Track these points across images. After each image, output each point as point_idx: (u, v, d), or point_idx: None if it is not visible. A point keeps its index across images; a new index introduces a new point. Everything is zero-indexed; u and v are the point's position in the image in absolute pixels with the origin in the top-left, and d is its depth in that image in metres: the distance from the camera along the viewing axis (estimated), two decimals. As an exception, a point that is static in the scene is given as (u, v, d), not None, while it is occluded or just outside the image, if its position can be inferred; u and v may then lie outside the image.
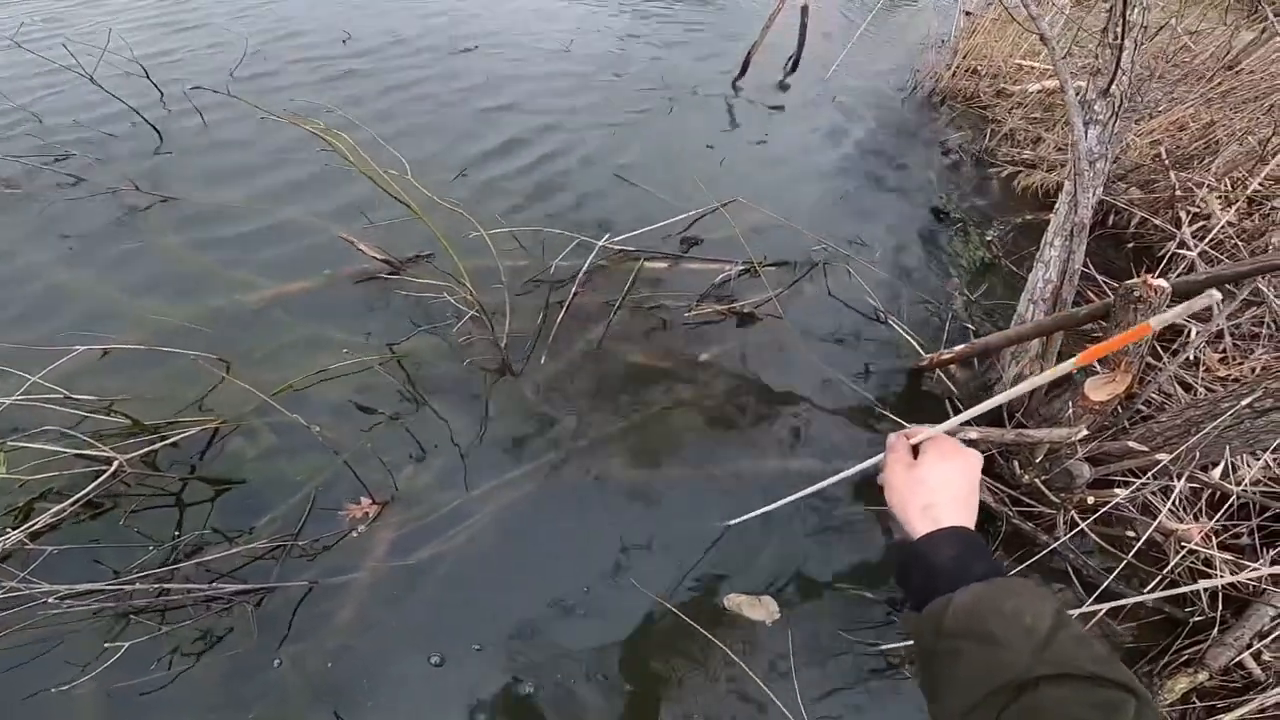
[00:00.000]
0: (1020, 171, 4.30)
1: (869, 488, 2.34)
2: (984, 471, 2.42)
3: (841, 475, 1.30)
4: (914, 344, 2.81)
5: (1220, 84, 4.10)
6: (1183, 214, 3.43)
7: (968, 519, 0.74)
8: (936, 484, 0.77)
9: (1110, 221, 3.88)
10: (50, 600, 1.52)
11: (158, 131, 3.49)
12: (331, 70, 4.42)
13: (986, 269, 3.48)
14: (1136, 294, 2.01)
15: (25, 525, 1.62)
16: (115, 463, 1.77)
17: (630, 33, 5.92)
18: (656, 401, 2.50)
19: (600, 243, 2.89)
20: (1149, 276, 2.02)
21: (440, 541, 1.95)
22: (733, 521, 2.01)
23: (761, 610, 1.93)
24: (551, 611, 1.86)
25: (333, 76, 4.34)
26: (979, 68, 5.66)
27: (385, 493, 2.00)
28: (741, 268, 3.05)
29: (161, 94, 3.74)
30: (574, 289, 2.78)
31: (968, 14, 6.20)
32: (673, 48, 5.76)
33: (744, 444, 2.42)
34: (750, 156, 4.22)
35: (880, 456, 0.90)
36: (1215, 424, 2.07)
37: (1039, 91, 4.84)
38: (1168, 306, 2.06)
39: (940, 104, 5.62)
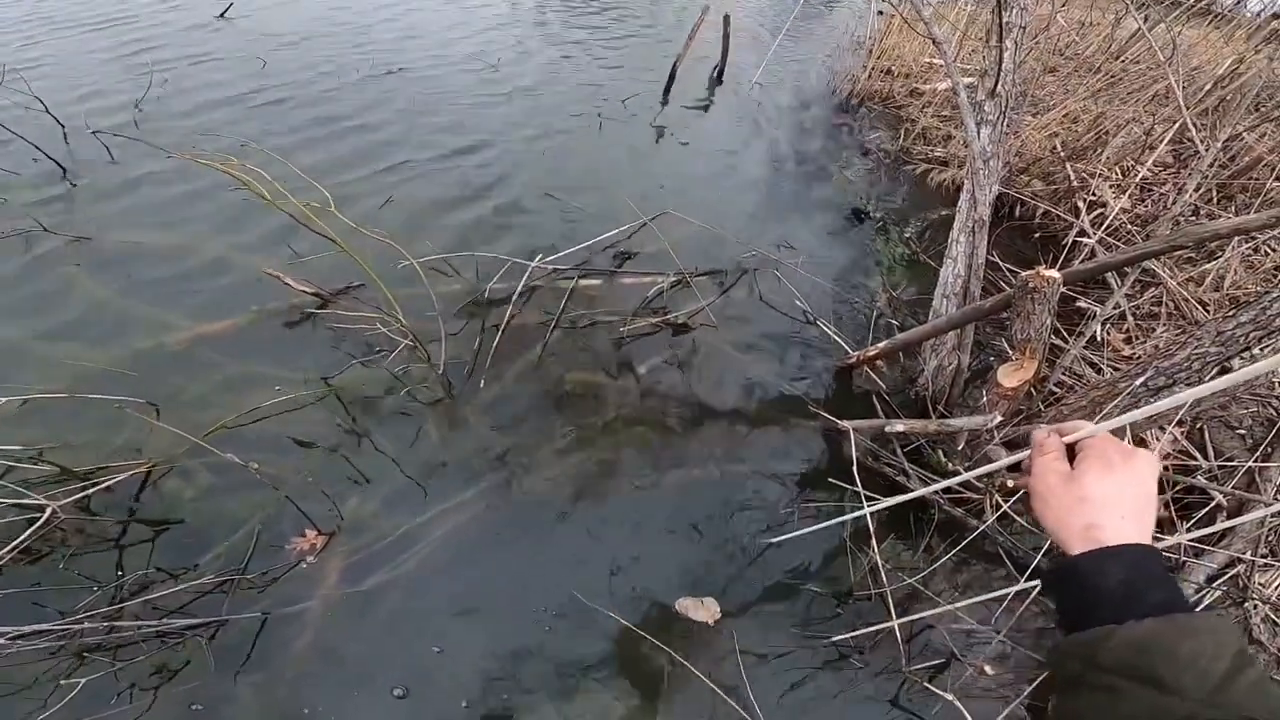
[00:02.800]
0: (933, 169, 4.56)
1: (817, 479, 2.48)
2: (912, 460, 2.59)
3: (977, 471, 1.15)
4: (841, 343, 2.95)
5: (1108, 75, 4.42)
6: (1080, 203, 3.69)
7: (1141, 534, 0.65)
8: (1102, 501, 0.67)
9: (1017, 213, 4.15)
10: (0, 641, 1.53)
11: (63, 169, 3.40)
12: (248, 99, 4.39)
13: (908, 265, 3.69)
14: (1031, 285, 2.19)
15: None
16: (49, 509, 1.80)
17: (558, 50, 6.04)
18: (598, 417, 2.60)
19: (533, 264, 2.97)
20: (1040, 268, 2.20)
21: (391, 568, 2.02)
22: (775, 540, 2.16)
23: (705, 612, 2.03)
24: (505, 630, 1.96)
25: (249, 105, 4.32)
26: (893, 68, 5.96)
27: (331, 524, 2.07)
28: (674, 279, 3.17)
29: (64, 128, 3.60)
30: (509, 311, 2.82)
31: (880, 13, 6.50)
32: (600, 62, 5.90)
33: (685, 452, 2.53)
34: (680, 168, 4.36)
35: (1023, 455, 0.80)
36: (1115, 404, 2.25)
37: (947, 90, 5.12)
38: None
39: (858, 106, 5.88)
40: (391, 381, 2.56)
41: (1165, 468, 2.81)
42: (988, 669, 2.25)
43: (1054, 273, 2.23)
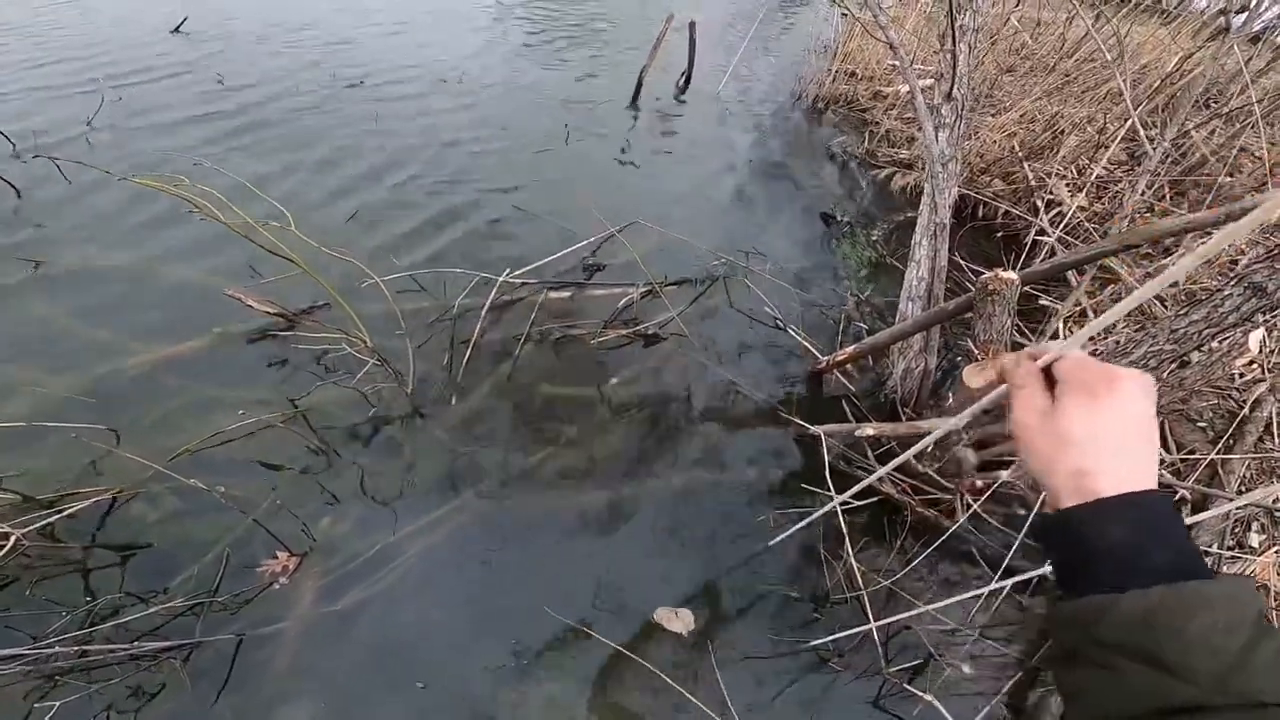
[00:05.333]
0: (897, 172, 4.66)
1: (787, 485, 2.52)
2: (881, 459, 2.64)
3: (936, 434, 1.04)
4: (811, 349, 3.00)
5: (1062, 75, 4.55)
6: (1039, 202, 3.80)
7: (1144, 477, 0.55)
8: (1090, 440, 0.57)
9: (980, 214, 4.28)
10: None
11: (15, 189, 3.36)
12: (206, 115, 4.39)
13: (875, 268, 3.78)
14: (990, 287, 2.26)
15: None
16: (12, 537, 1.83)
17: (523, 60, 6.09)
18: (571, 430, 2.66)
19: (500, 278, 2.98)
20: (999, 270, 2.27)
21: (367, 586, 2.06)
22: (772, 541, 2.23)
23: (679, 623, 2.08)
24: (482, 645, 2.00)
25: (208, 121, 4.31)
26: (856, 71, 6.08)
27: (303, 545, 2.11)
28: (644, 290, 3.21)
29: (14, 145, 3.54)
30: (478, 327, 2.83)
31: (844, 15, 6.61)
32: (566, 72, 5.97)
33: (659, 464, 2.59)
34: (648, 177, 4.42)
35: (998, 392, 0.70)
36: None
37: (909, 92, 5.24)
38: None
39: (824, 110, 6.00)
40: (360, 401, 2.59)
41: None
42: (965, 668, 2.32)
43: (1012, 274, 2.31)
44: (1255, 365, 3.12)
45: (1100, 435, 0.57)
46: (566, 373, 2.90)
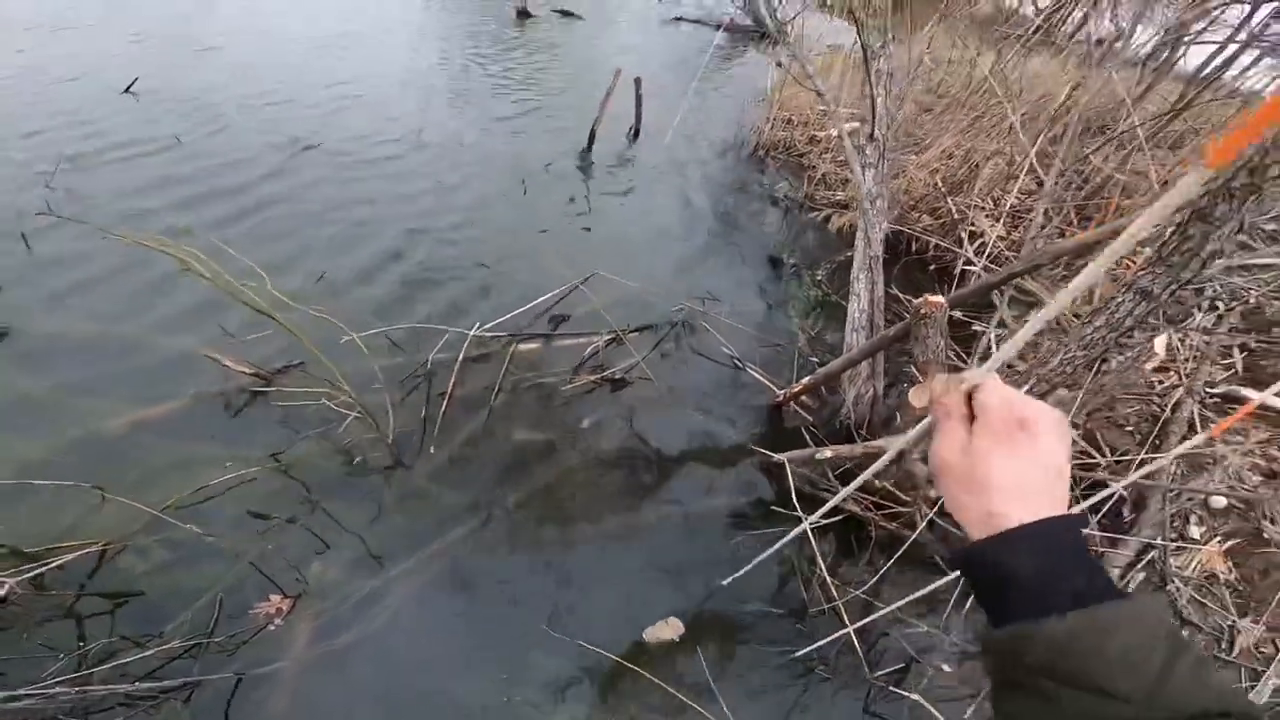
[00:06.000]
0: (834, 213, 5.01)
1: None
2: (843, 479, 2.86)
3: (889, 454, 1.08)
4: (769, 384, 3.23)
5: (973, 110, 4.98)
6: (963, 234, 4.15)
7: (1051, 507, 0.58)
8: (1004, 486, 0.59)
9: (913, 248, 4.61)
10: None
11: None
12: (165, 176, 4.48)
13: (821, 305, 4.05)
14: (922, 311, 2.51)
15: None
16: (5, 586, 1.92)
17: (479, 117, 6.37)
18: (546, 473, 2.86)
19: (471, 332, 3.15)
20: (929, 296, 2.52)
21: (361, 626, 2.17)
22: (749, 566, 2.33)
23: (670, 630, 2.26)
24: (475, 679, 2.12)
25: (167, 183, 4.41)
26: (792, 118, 6.48)
27: (296, 588, 2.22)
28: (608, 337, 3.39)
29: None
30: (452, 380, 2.97)
31: (778, 65, 7.05)
32: (520, 128, 6.26)
33: (634, 500, 2.77)
34: (604, 228, 4.69)
35: (925, 424, 0.72)
36: None
37: (839, 136, 5.65)
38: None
39: (765, 156, 6.39)
40: (342, 453, 2.74)
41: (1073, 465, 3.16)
42: (946, 667, 2.50)
43: (940, 299, 2.58)
44: (1170, 371, 3.47)
45: (1015, 483, 0.58)
46: (540, 419, 3.07)
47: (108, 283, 3.44)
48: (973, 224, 4.40)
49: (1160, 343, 2.82)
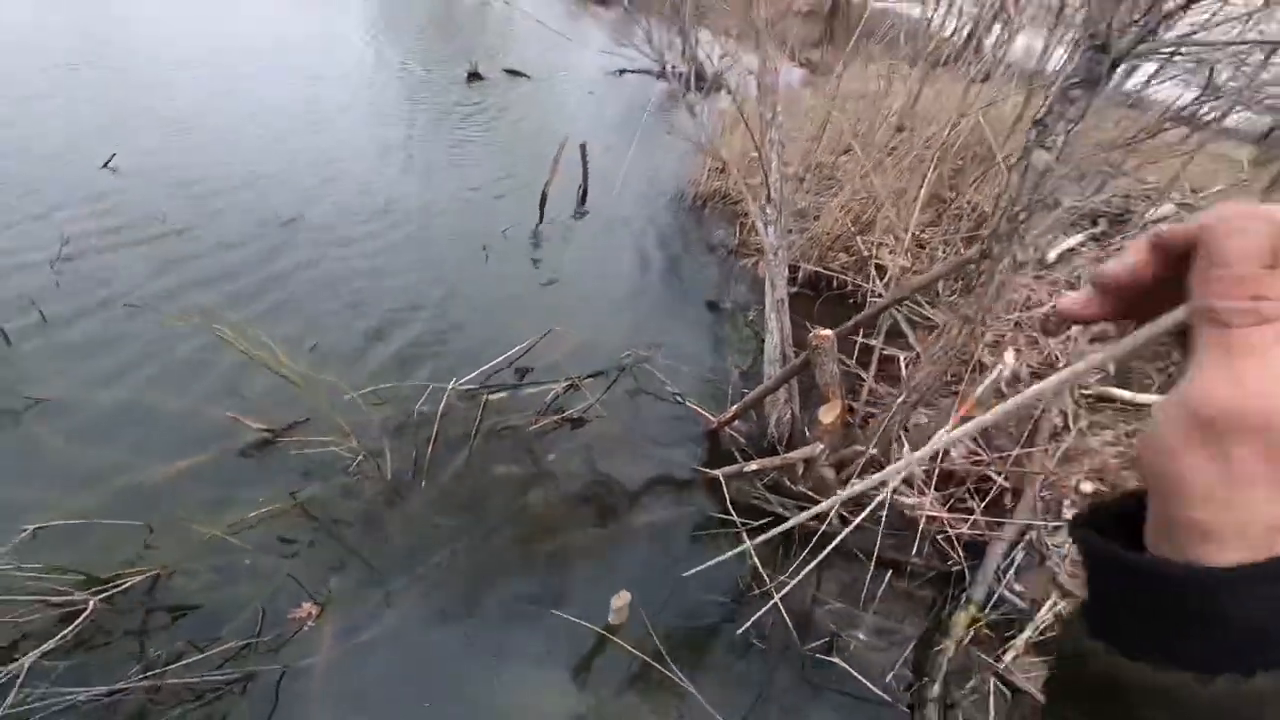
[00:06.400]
0: (761, 259, 5.67)
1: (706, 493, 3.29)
2: (774, 490, 3.47)
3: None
4: (705, 414, 3.86)
5: (882, 149, 5.67)
6: (873, 269, 4.85)
7: None
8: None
9: (833, 285, 5.30)
10: (81, 699, 2.22)
11: (3, 334, 3.82)
12: (160, 255, 4.88)
13: (750, 342, 4.70)
14: (814, 344, 3.15)
15: (36, 651, 2.29)
16: (90, 604, 2.45)
17: (441, 186, 7.07)
18: (521, 498, 3.46)
19: (450, 386, 3.71)
20: (818, 330, 3.15)
21: (377, 626, 2.73)
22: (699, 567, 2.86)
23: (621, 600, 2.83)
24: (474, 665, 2.70)
25: (163, 262, 4.82)
26: (725, 166, 7.19)
27: (322, 598, 2.77)
28: (566, 384, 4.00)
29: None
30: (435, 427, 3.53)
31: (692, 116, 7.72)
32: (480, 195, 6.90)
33: (593, 515, 3.42)
34: (560, 286, 5.36)
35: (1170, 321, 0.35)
36: (889, 417, 3.23)
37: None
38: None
39: (703, 206, 7.09)
40: (350, 491, 3.28)
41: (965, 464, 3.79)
42: (862, 636, 3.09)
43: (828, 332, 3.24)
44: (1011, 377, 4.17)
45: None
46: (513, 455, 3.68)
47: (124, 355, 3.86)
48: (879, 259, 5.12)
49: (1009, 358, 3.50)
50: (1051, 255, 5.40)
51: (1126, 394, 4.41)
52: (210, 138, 7.00)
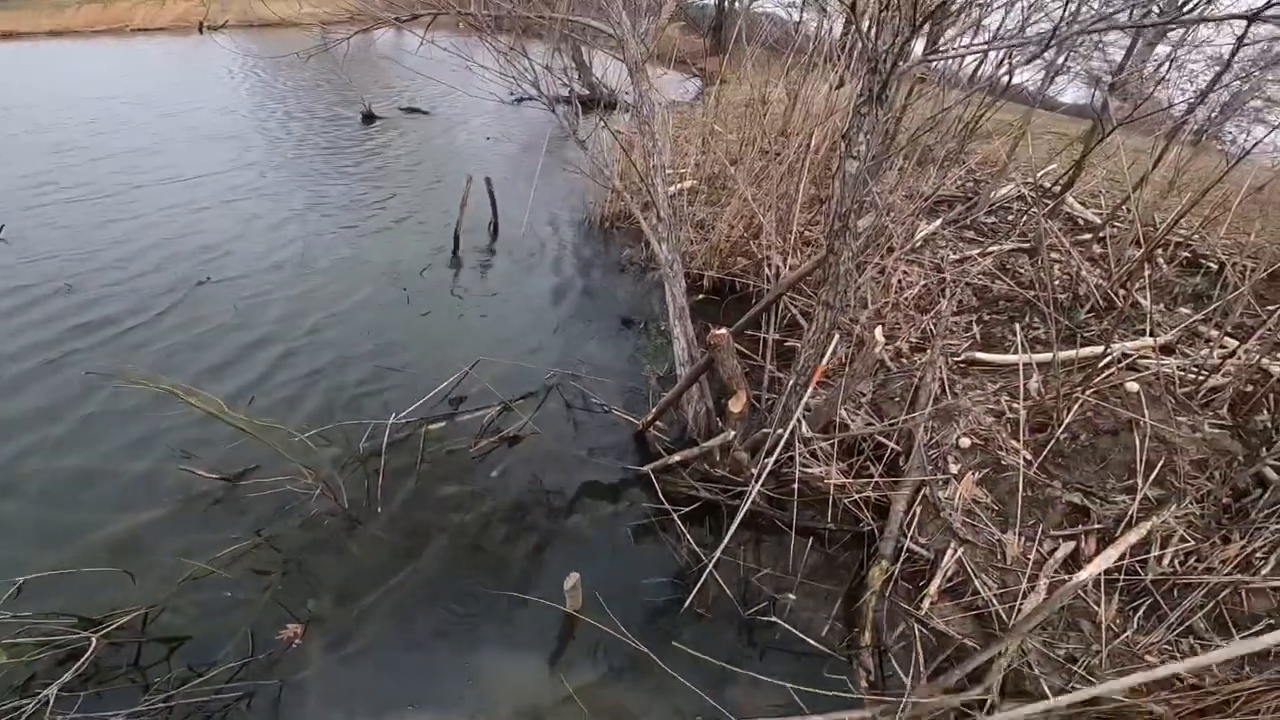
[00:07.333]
0: (666, 272, 6.20)
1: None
2: (702, 479, 3.94)
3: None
4: (630, 419, 4.32)
5: (767, 154, 6.25)
6: (767, 270, 5.42)
7: None
8: None
9: (736, 288, 5.88)
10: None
11: None
12: (74, 323, 5.04)
13: (664, 350, 5.20)
14: (712, 343, 3.64)
15: (56, 683, 2.57)
16: (94, 641, 2.75)
17: (349, 232, 7.34)
18: (471, 512, 3.88)
19: (390, 421, 4.05)
20: (714, 329, 3.65)
21: (361, 637, 3.11)
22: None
23: (571, 581, 3.24)
24: (451, 664, 3.09)
25: (87, 328, 4.99)
26: (626, 187, 7.70)
27: (304, 618, 3.13)
28: (498, 408, 4.38)
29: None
30: (382, 460, 3.88)
31: (618, 133, 8.22)
32: (392, 239, 7.25)
33: (540, 521, 3.86)
34: (482, 317, 5.83)
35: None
36: (783, 399, 3.74)
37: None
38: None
39: (610, 227, 7.59)
40: (311, 523, 3.63)
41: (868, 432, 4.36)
42: (791, 596, 3.57)
43: (724, 331, 3.75)
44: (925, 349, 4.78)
45: None
46: (458, 476, 4.10)
47: (72, 421, 4.07)
48: (771, 261, 5.72)
49: (879, 332, 4.10)
50: (917, 240, 6.16)
51: (991, 356, 5.14)
52: (106, 207, 7.11)
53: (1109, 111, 7.15)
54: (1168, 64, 8.19)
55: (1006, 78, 5.75)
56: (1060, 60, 8.67)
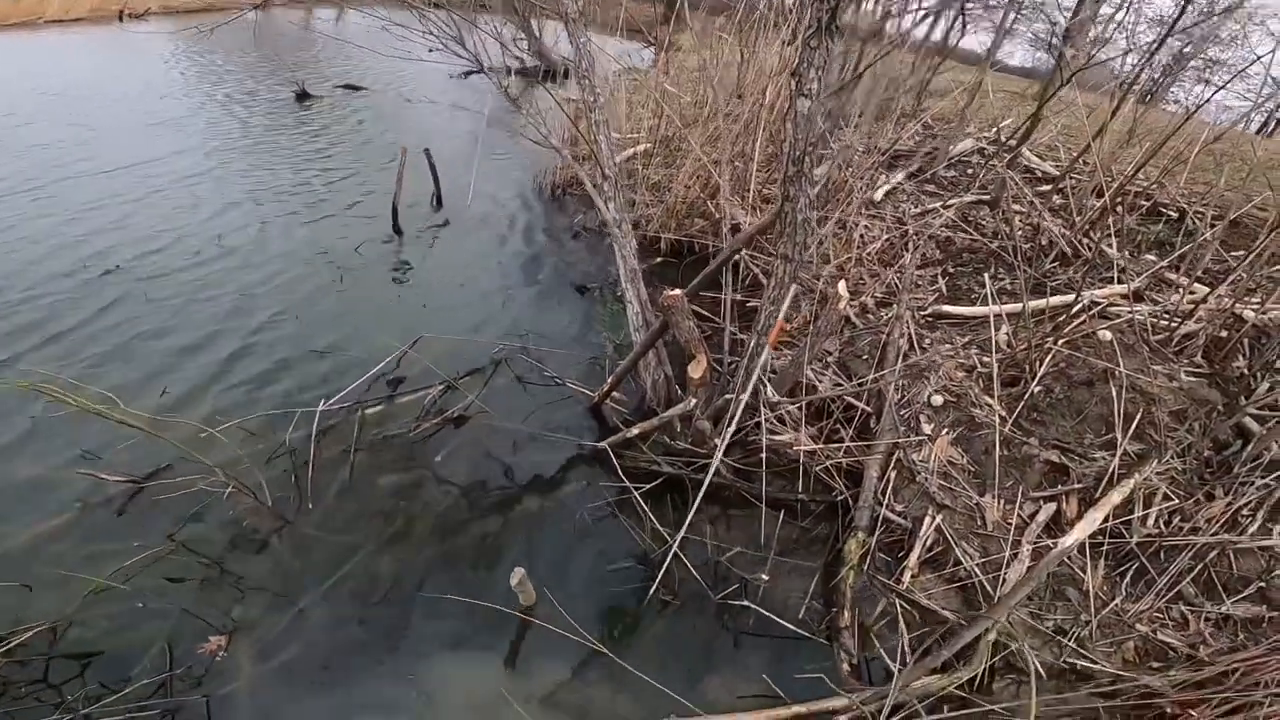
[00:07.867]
0: (624, 236, 5.94)
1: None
2: (661, 453, 3.70)
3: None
4: (585, 391, 4.06)
5: (726, 116, 6.02)
6: (725, 229, 5.19)
7: None
8: None
9: (695, 249, 5.63)
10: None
11: None
12: None
13: (621, 317, 4.93)
14: (667, 304, 3.39)
15: None
16: None
17: (274, 212, 6.88)
18: (414, 502, 3.59)
19: (319, 408, 3.72)
20: (667, 290, 3.40)
21: (295, 643, 2.83)
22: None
23: (517, 576, 2.98)
24: (389, 663, 2.83)
25: None
26: (580, 154, 7.39)
27: (227, 627, 2.84)
28: (442, 386, 4.07)
29: None
30: (311, 450, 3.55)
31: (571, 100, 7.93)
32: (325, 216, 6.73)
33: (489, 508, 3.61)
34: (425, 293, 5.49)
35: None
36: (744, 361, 3.51)
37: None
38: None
39: (563, 194, 7.27)
40: (230, 523, 3.31)
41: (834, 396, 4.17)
42: (764, 577, 3.35)
43: (678, 292, 3.50)
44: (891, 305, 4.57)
45: None
46: (398, 464, 3.82)
47: None
48: (732, 218, 5.48)
49: (842, 287, 3.89)
50: (878, 195, 5.99)
51: (958, 309, 4.99)
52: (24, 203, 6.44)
53: (1066, 60, 7.06)
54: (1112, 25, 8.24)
55: (959, 35, 5.61)
56: (1009, 21, 8.68)
